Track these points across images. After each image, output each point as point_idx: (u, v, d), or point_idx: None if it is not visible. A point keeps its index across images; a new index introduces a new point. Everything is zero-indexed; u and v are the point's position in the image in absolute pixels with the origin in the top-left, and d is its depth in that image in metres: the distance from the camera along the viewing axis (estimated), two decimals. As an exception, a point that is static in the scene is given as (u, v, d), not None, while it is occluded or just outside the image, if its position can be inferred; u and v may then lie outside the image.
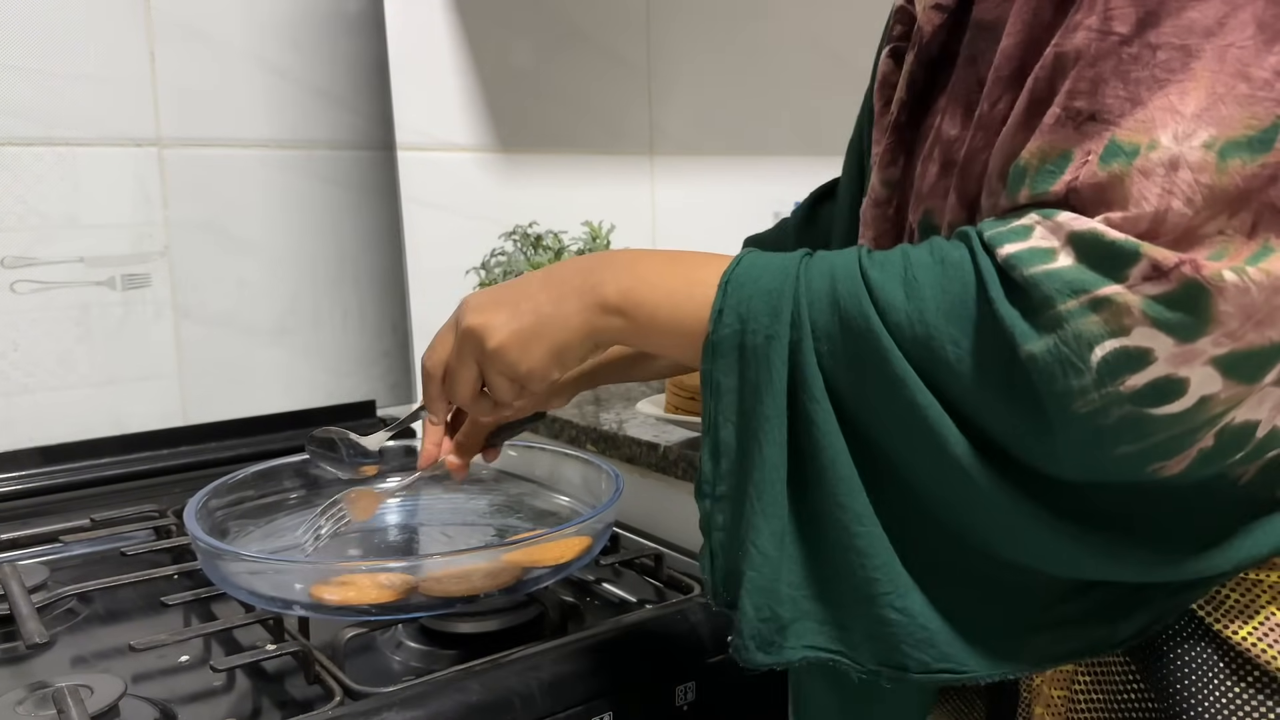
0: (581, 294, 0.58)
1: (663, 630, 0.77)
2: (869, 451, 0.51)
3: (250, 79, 1.15)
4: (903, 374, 0.48)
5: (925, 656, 0.51)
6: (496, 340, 0.60)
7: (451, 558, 0.76)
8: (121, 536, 0.97)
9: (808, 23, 1.72)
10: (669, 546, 0.93)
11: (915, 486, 0.51)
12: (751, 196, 1.66)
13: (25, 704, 0.66)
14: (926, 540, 0.52)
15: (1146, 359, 0.43)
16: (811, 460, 0.52)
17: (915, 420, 0.48)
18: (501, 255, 1.33)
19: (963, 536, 0.51)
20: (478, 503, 1.00)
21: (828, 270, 0.51)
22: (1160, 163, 0.43)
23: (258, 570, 0.73)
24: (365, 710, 0.64)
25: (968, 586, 0.52)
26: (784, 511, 0.53)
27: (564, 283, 0.59)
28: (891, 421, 0.50)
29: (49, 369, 1.06)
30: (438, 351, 0.65)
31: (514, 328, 0.59)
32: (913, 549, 0.51)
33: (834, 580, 0.53)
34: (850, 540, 0.51)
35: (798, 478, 0.53)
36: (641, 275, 0.57)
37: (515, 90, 1.40)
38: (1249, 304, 0.42)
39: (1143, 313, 0.43)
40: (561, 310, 0.58)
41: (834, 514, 0.51)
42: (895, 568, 0.51)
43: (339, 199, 1.22)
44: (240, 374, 1.17)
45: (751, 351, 0.53)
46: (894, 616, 0.51)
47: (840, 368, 0.50)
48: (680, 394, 0.99)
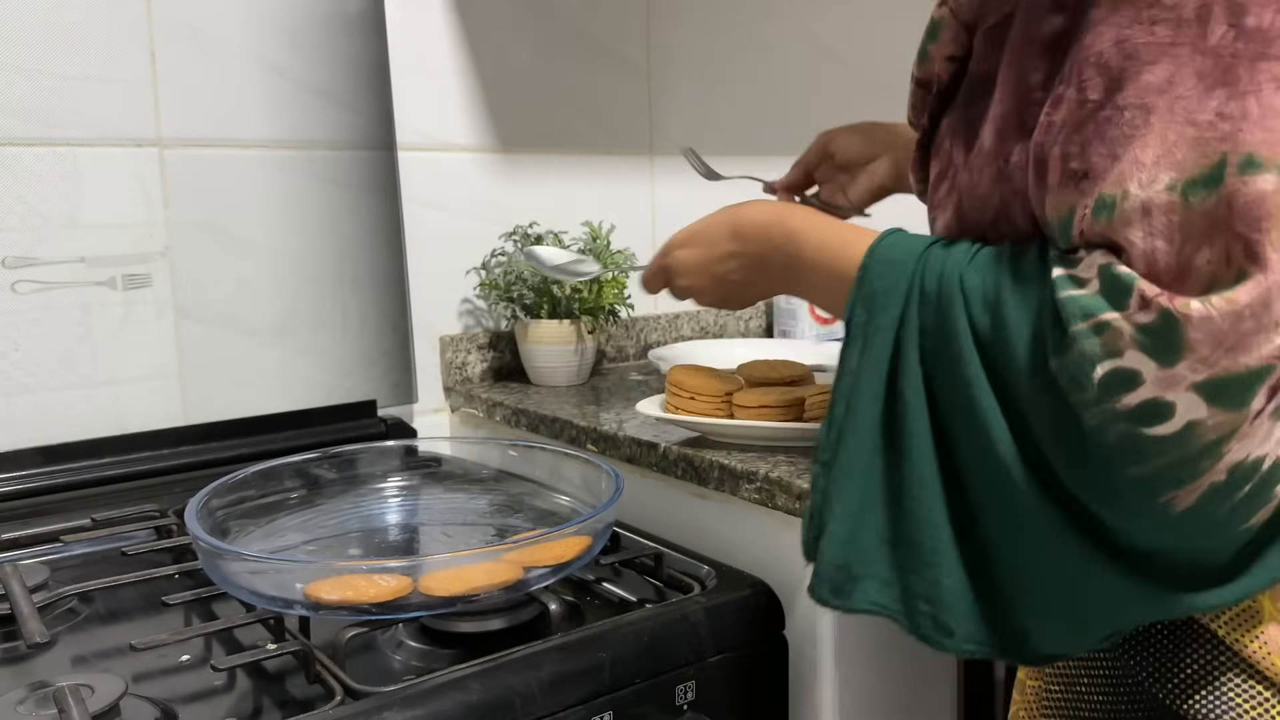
0: (759, 269, 0.74)
1: (663, 630, 0.77)
2: (946, 443, 0.59)
3: (251, 79, 1.15)
4: (974, 376, 0.56)
5: (958, 630, 0.58)
6: (708, 300, 0.80)
7: (452, 557, 0.76)
8: (122, 536, 0.97)
9: (808, 23, 1.72)
10: (669, 546, 0.93)
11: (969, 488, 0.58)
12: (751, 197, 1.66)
13: (26, 703, 0.66)
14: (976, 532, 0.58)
15: (1136, 380, 0.48)
16: (902, 439, 0.60)
17: (977, 419, 0.56)
18: (502, 255, 1.34)
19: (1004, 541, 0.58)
20: (478, 502, 1.01)
21: (937, 273, 0.60)
22: (1134, 209, 0.49)
23: (258, 570, 0.73)
24: (366, 709, 0.64)
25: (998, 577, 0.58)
26: (870, 480, 0.61)
27: (746, 254, 0.74)
28: (960, 418, 0.57)
29: (50, 369, 1.06)
30: (652, 285, 0.84)
31: (719, 295, 0.78)
32: (965, 536, 0.58)
33: (901, 548, 0.60)
34: (921, 515, 0.59)
35: (888, 453, 0.61)
36: (798, 257, 0.70)
37: (516, 90, 1.40)
38: (1216, 331, 0.46)
39: (1132, 337, 0.48)
40: (749, 281, 0.75)
41: (911, 490, 0.59)
42: (950, 550, 0.58)
43: (339, 199, 1.22)
44: (241, 374, 1.17)
45: (870, 340, 0.62)
46: (943, 594, 0.58)
47: (936, 362, 0.59)
48: (680, 394, 0.99)
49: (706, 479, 0.93)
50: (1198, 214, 0.47)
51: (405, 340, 1.29)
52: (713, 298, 0.78)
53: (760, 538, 0.92)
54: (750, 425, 0.94)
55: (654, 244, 1.56)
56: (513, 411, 1.21)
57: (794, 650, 0.86)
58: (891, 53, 1.84)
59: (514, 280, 1.30)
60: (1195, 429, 0.48)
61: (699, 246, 0.77)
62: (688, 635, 0.77)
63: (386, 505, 1.00)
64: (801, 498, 0.84)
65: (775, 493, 0.86)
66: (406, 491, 1.01)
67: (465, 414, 1.34)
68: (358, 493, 0.99)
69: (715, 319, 1.63)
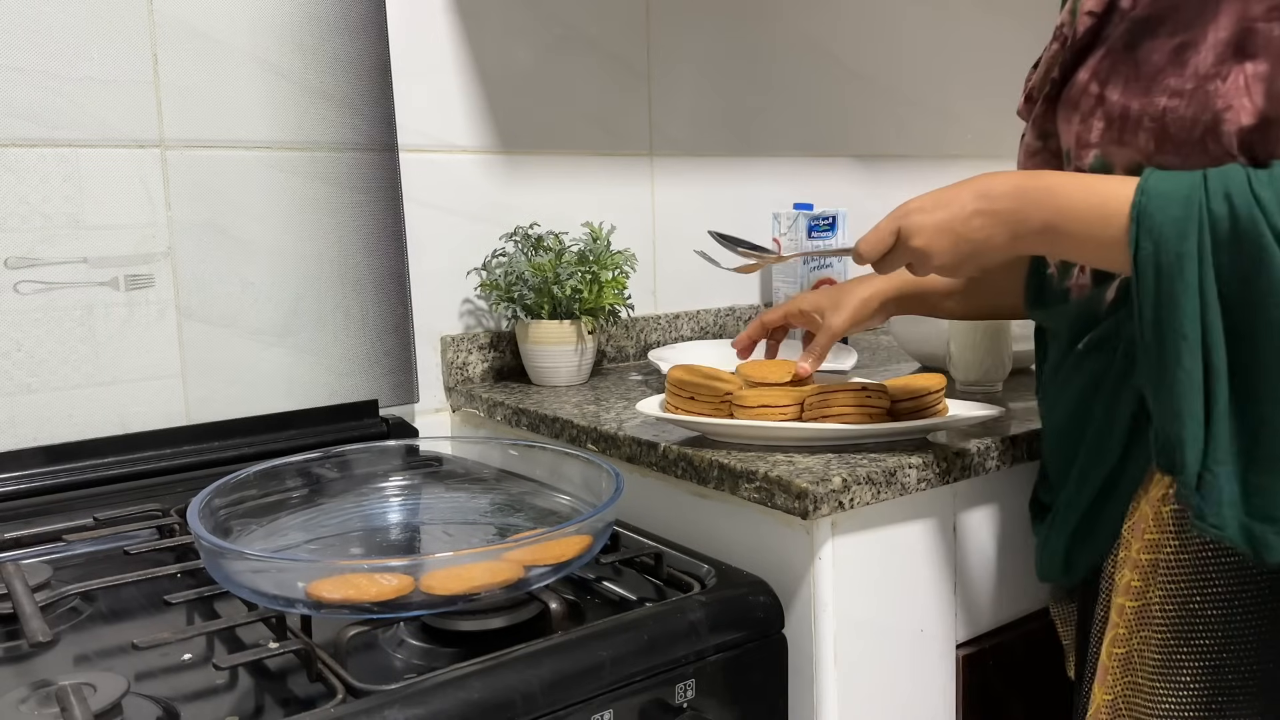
0: (1010, 225, 0.75)
1: (663, 629, 0.77)
2: (1243, 350, 0.68)
3: (253, 81, 1.16)
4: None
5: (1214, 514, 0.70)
6: (938, 262, 0.78)
7: (453, 556, 0.76)
8: (124, 535, 0.97)
9: (807, 24, 1.72)
10: (669, 545, 0.93)
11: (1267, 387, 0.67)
12: (751, 197, 1.67)
13: (28, 702, 0.66)
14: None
15: None
16: (1211, 355, 0.68)
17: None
18: (502, 256, 1.34)
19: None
20: (479, 501, 1.01)
21: (1223, 194, 0.67)
22: None
23: (260, 569, 0.74)
24: (367, 708, 0.64)
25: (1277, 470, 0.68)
26: (1201, 389, 0.69)
27: (996, 212, 0.75)
28: (1264, 322, 0.66)
29: (52, 369, 1.06)
30: (875, 247, 0.80)
31: (954, 255, 0.77)
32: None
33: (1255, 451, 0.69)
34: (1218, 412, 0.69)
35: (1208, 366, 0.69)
36: (1061, 208, 0.73)
37: (516, 91, 1.40)
38: None
39: None
40: (993, 239, 0.75)
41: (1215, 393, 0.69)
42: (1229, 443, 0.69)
43: (341, 200, 1.23)
44: (243, 374, 1.18)
45: (1165, 269, 0.68)
46: (1208, 477, 0.70)
47: (1235, 278, 0.67)
48: (680, 394, 0.99)
49: (706, 478, 0.94)
50: None
51: (406, 340, 1.30)
52: (949, 258, 0.77)
53: (760, 537, 0.92)
54: (750, 425, 0.95)
55: (654, 244, 1.57)
56: (513, 411, 1.22)
57: (793, 649, 0.86)
58: (890, 53, 1.84)
59: (514, 280, 1.30)
60: None
61: (940, 209, 0.77)
62: (687, 634, 0.78)
63: (388, 504, 1.00)
64: (801, 497, 0.84)
65: (775, 492, 0.87)
66: (408, 491, 1.02)
67: (466, 414, 1.34)
68: (359, 492, 1.00)
69: (715, 319, 1.63)
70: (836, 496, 0.84)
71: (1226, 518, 0.69)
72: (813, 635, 0.88)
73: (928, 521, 0.95)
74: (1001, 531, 1.02)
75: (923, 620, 0.96)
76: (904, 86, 1.87)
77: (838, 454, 0.93)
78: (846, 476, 0.86)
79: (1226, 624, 0.75)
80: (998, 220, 0.75)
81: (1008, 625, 1.03)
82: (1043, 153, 0.88)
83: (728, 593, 0.83)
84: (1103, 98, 0.78)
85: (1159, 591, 0.77)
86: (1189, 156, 0.72)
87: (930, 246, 0.77)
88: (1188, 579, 0.76)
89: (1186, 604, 0.76)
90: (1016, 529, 1.02)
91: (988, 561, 1.01)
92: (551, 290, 1.29)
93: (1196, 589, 0.76)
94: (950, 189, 0.78)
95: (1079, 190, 0.73)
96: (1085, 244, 0.73)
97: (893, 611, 0.93)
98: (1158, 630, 0.77)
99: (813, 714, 0.89)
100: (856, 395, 0.94)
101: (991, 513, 1.01)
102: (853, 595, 0.90)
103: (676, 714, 0.76)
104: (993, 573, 1.01)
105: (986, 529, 1.01)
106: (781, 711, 0.86)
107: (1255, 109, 0.69)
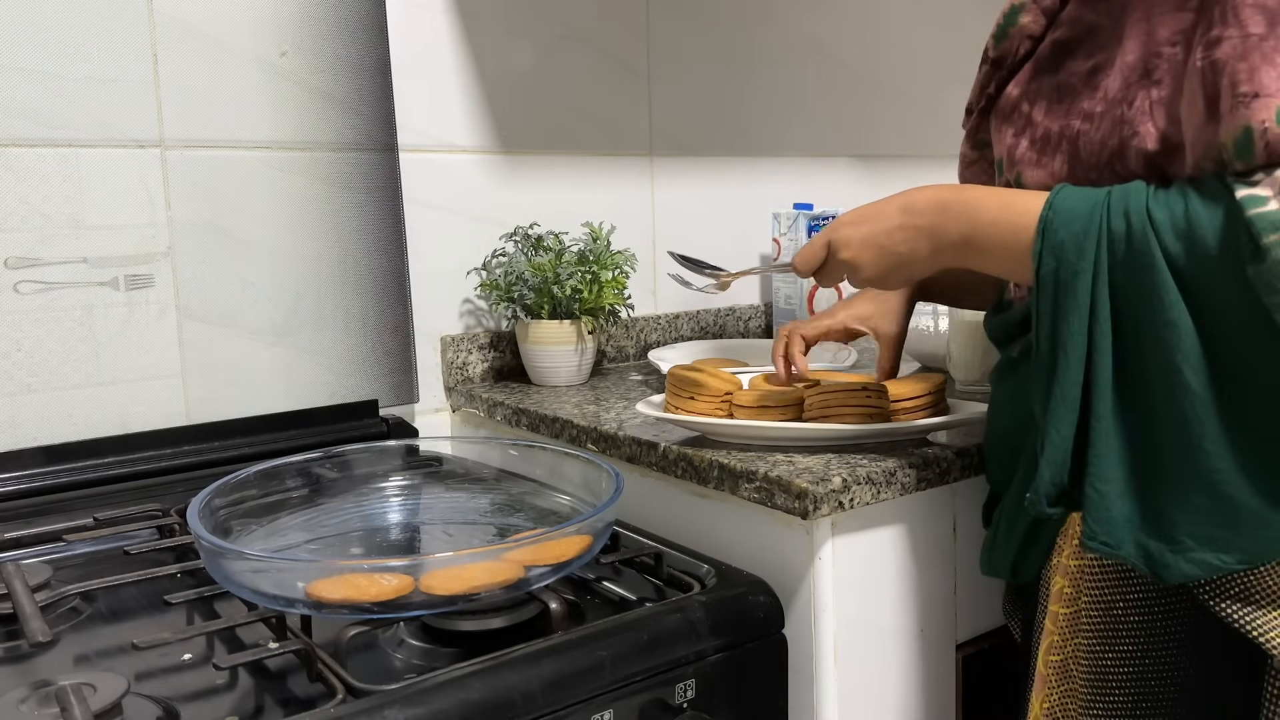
0: (931, 238, 0.77)
1: (663, 628, 0.77)
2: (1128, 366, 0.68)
3: (253, 81, 1.16)
4: (1172, 300, 0.65)
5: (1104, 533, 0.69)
6: (866, 274, 0.81)
7: (453, 556, 0.76)
8: (124, 535, 0.97)
9: (807, 24, 1.72)
10: (669, 545, 0.93)
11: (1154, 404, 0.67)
12: (751, 197, 1.67)
13: (28, 702, 0.66)
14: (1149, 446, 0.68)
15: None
16: (1094, 371, 0.69)
17: (1172, 338, 0.65)
18: (502, 256, 1.34)
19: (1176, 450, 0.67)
20: (479, 501, 1.01)
21: (1123, 212, 0.68)
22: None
23: (260, 569, 0.74)
24: (367, 708, 0.64)
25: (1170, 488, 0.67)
26: (1076, 406, 0.70)
27: (918, 226, 0.77)
28: (1153, 339, 0.66)
29: (52, 369, 1.06)
30: (809, 260, 0.84)
31: (880, 267, 0.80)
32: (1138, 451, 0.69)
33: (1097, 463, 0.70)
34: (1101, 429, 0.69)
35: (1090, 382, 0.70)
36: (978, 222, 0.75)
37: (516, 92, 1.40)
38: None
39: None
40: (916, 252, 0.78)
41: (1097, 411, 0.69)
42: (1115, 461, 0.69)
43: (341, 200, 1.23)
44: (243, 374, 1.18)
45: (1064, 284, 0.69)
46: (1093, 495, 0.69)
47: (1129, 295, 0.67)
48: (680, 394, 0.99)
49: (706, 478, 0.94)
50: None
51: (407, 340, 1.30)
52: (876, 270, 0.80)
53: (760, 537, 0.92)
54: (750, 425, 0.95)
55: (654, 244, 1.57)
56: (513, 411, 1.22)
57: (793, 649, 0.86)
58: (890, 53, 1.84)
59: (514, 280, 1.31)
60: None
61: (866, 223, 0.80)
62: (687, 634, 0.78)
63: (388, 504, 1.00)
64: (801, 497, 0.84)
65: (774, 492, 0.87)
66: (408, 491, 1.02)
67: (466, 414, 1.34)
68: (359, 492, 1.00)
69: (715, 319, 1.63)
70: (836, 496, 0.84)
71: (1121, 536, 0.69)
72: (813, 635, 0.88)
73: (928, 521, 0.95)
74: (1001, 531, 1.02)
75: (923, 620, 0.96)
76: (904, 86, 1.87)
77: (838, 454, 0.93)
78: (846, 476, 0.86)
79: (1148, 630, 0.74)
80: (920, 233, 0.77)
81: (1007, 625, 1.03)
82: (979, 162, 0.90)
83: (728, 593, 0.83)
84: (1030, 118, 0.79)
85: (1086, 598, 0.77)
86: (1098, 180, 0.73)
87: (858, 259, 0.80)
88: (1112, 585, 0.75)
89: (1110, 610, 0.75)
90: (1016, 529, 1.02)
91: (988, 561, 1.01)
92: (551, 290, 1.29)
93: (1119, 595, 0.75)
94: (879, 203, 0.80)
95: (995, 205, 0.75)
96: (999, 257, 0.75)
97: (893, 611, 0.93)
98: (1087, 637, 0.77)
99: (813, 714, 0.89)
100: (856, 395, 0.94)
101: (991, 513, 1.01)
102: (853, 595, 0.90)
103: (676, 714, 0.76)
104: (993, 573, 1.02)
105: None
106: (781, 711, 0.86)
107: (1158, 133, 0.69)
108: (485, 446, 1.07)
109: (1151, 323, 0.66)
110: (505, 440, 1.08)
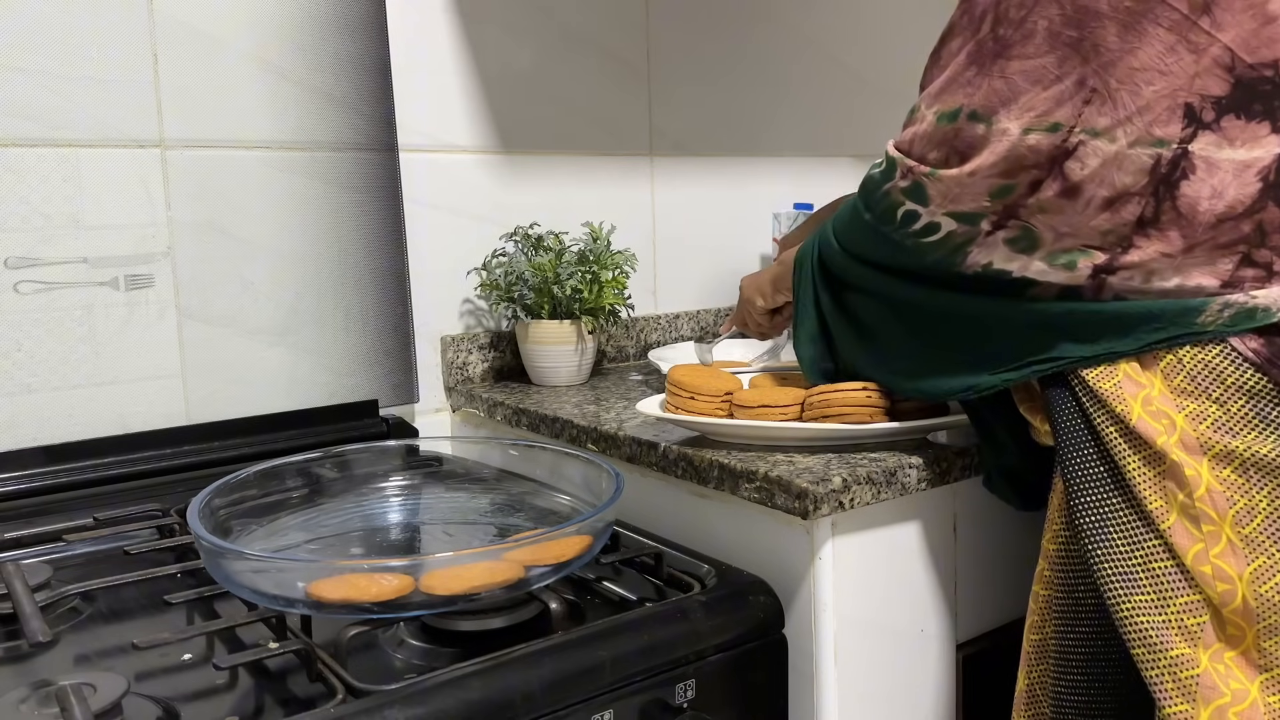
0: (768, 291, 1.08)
1: (663, 629, 0.77)
2: (849, 309, 0.92)
3: (253, 80, 1.16)
4: (847, 264, 0.90)
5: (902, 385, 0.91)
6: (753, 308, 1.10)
7: (453, 556, 0.76)
8: (124, 535, 0.97)
9: (806, 24, 1.72)
10: (669, 545, 0.93)
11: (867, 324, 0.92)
12: (751, 197, 1.67)
13: (28, 702, 0.66)
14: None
15: (918, 215, 0.80)
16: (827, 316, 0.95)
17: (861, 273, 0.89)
18: (503, 256, 1.34)
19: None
20: (479, 501, 1.01)
21: (831, 227, 0.92)
22: (918, 117, 0.82)
23: (261, 569, 0.74)
24: (367, 708, 0.64)
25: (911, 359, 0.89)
26: (816, 337, 0.96)
27: (769, 284, 1.07)
28: (852, 284, 0.91)
29: (52, 369, 1.06)
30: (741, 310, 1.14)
31: (758, 303, 1.09)
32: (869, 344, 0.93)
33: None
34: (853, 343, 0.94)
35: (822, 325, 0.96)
36: (782, 285, 1.04)
37: (516, 92, 1.40)
38: (943, 189, 0.78)
39: (903, 192, 0.81)
40: (764, 292, 1.08)
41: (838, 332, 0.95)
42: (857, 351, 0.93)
43: (341, 200, 1.23)
44: (243, 374, 1.18)
45: (801, 277, 0.96)
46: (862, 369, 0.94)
47: (833, 271, 0.92)
48: (680, 394, 0.99)
49: (706, 478, 0.94)
50: (941, 130, 0.79)
51: (407, 340, 1.30)
52: (751, 290, 1.11)
53: (760, 537, 0.92)
54: (750, 425, 0.95)
55: (654, 244, 1.57)
56: (513, 411, 1.22)
57: (793, 649, 0.86)
58: (890, 54, 1.84)
59: (514, 280, 1.30)
60: (953, 234, 0.79)
61: (766, 272, 1.09)
62: (687, 634, 0.78)
63: (388, 504, 1.00)
64: (801, 497, 0.84)
65: (775, 492, 0.87)
66: (408, 491, 1.02)
67: (466, 414, 1.34)
68: (359, 492, 1.00)
69: (715, 319, 1.63)
70: (836, 496, 0.85)
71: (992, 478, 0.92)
72: (813, 635, 0.88)
73: (928, 521, 0.95)
74: (1001, 531, 1.02)
75: (923, 620, 0.96)
76: (904, 87, 1.87)
77: (838, 454, 0.93)
78: (846, 476, 0.86)
79: (1101, 613, 0.77)
80: (765, 289, 1.08)
81: (1008, 625, 1.03)
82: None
83: (728, 593, 0.83)
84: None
85: (1058, 579, 0.80)
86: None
87: (751, 299, 1.09)
88: (1076, 568, 0.79)
89: (1073, 592, 0.79)
90: (1017, 529, 1.02)
91: (988, 561, 1.01)
92: (551, 290, 1.29)
93: (1081, 579, 0.78)
94: (770, 269, 1.08)
95: (787, 256, 1.03)
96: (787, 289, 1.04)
97: (893, 611, 0.93)
98: (1057, 618, 0.80)
99: (813, 714, 0.89)
100: (856, 395, 0.94)
101: (991, 513, 1.01)
102: (853, 595, 0.90)
103: (676, 714, 0.76)
104: (993, 573, 1.01)
105: (986, 529, 1.01)
106: (781, 711, 0.86)
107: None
108: (485, 446, 1.07)
109: (842, 278, 0.91)
110: (505, 440, 1.08)
